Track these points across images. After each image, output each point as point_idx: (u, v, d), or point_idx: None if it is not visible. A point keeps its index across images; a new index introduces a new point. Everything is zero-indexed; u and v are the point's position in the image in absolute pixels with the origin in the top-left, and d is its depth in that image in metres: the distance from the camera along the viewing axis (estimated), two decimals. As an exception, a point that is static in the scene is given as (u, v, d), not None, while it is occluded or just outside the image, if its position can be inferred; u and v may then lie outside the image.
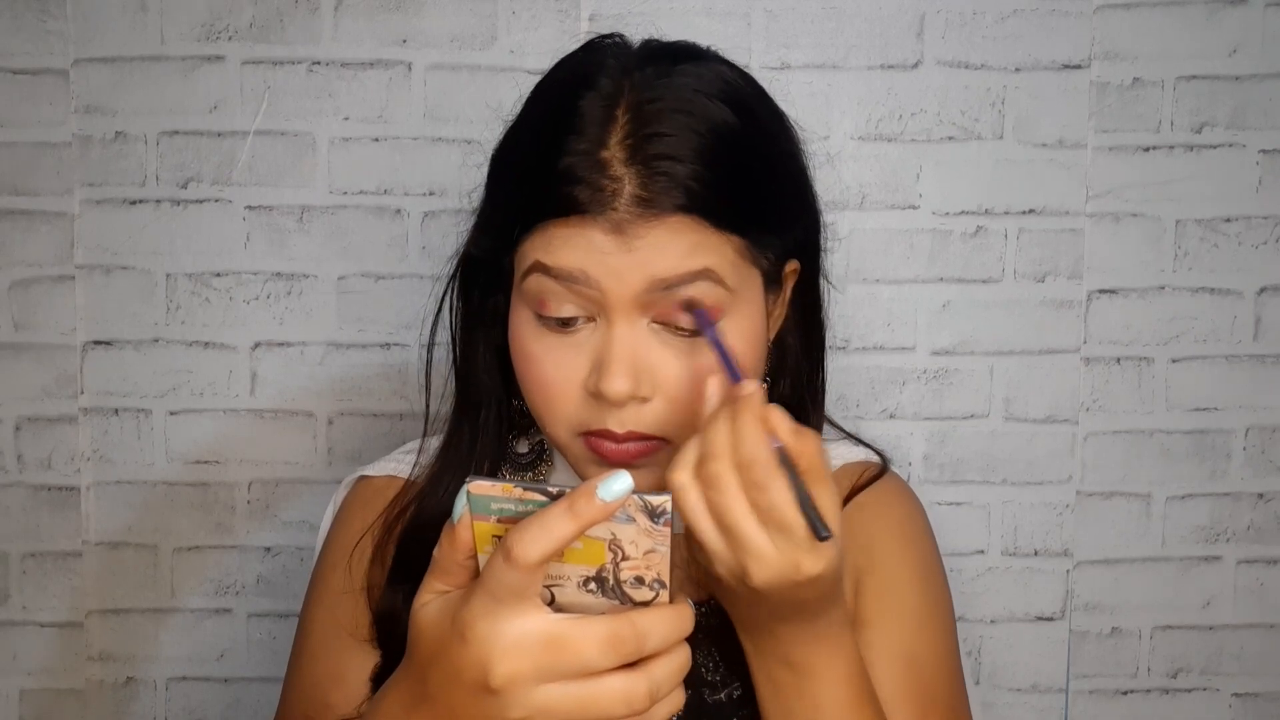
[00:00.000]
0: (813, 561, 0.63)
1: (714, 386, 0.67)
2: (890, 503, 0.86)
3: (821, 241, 0.84)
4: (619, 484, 0.56)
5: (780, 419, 0.64)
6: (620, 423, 0.72)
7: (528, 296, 0.74)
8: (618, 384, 0.71)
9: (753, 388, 0.64)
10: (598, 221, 0.70)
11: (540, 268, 0.72)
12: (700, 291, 0.71)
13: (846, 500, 0.84)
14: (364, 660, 0.82)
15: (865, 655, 0.78)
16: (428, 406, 0.88)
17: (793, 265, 0.80)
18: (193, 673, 1.29)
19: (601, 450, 0.74)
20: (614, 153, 0.70)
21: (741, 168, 0.72)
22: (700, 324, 0.71)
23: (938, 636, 0.83)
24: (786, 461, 0.62)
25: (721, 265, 0.71)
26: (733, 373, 0.68)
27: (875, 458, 0.90)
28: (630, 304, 0.71)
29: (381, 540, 0.84)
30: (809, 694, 0.69)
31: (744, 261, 0.73)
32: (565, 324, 0.73)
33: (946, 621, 0.85)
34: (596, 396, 0.72)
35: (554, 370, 0.74)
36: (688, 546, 0.67)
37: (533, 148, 0.74)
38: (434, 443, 0.87)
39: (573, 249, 0.70)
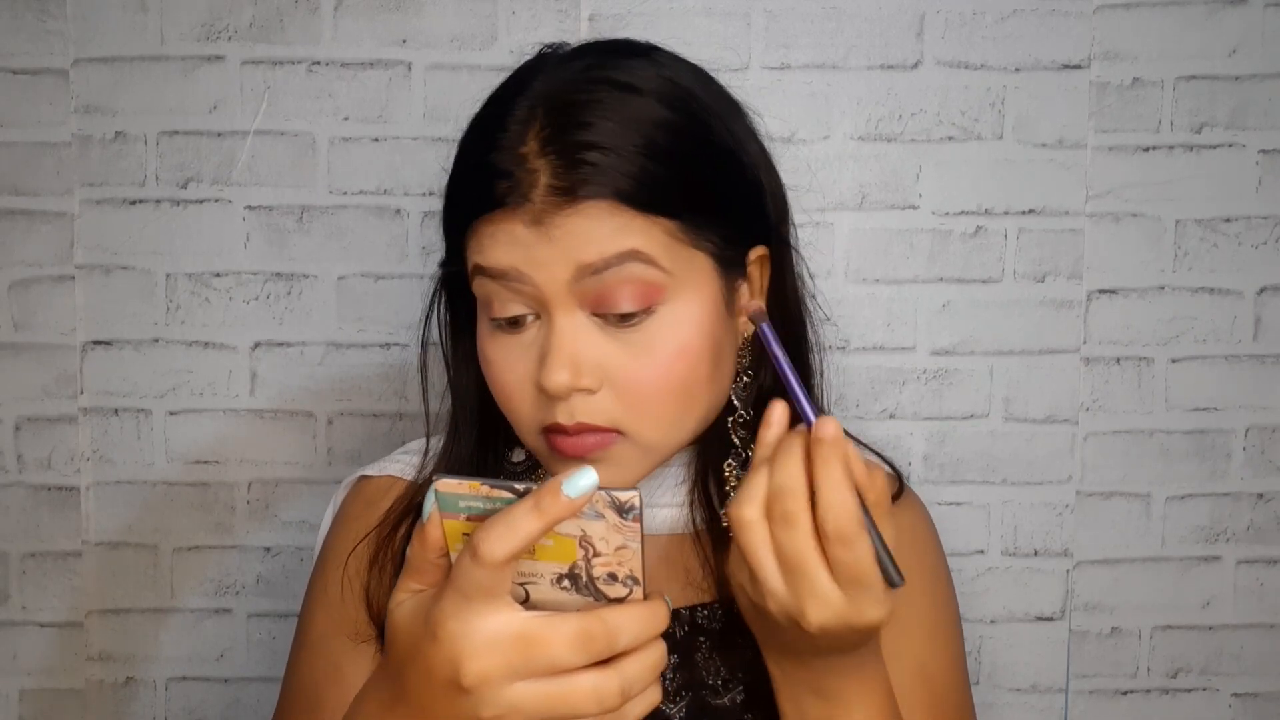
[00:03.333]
0: (877, 610, 0.62)
1: (779, 412, 0.65)
2: (898, 512, 0.86)
3: (790, 228, 0.83)
4: (584, 480, 0.56)
5: (857, 460, 0.62)
6: (569, 414, 0.72)
7: (480, 301, 0.75)
8: (555, 376, 0.71)
9: (834, 429, 0.61)
10: (518, 214, 0.70)
11: (479, 269, 0.73)
12: (634, 273, 0.71)
13: None
14: (362, 661, 0.82)
15: None
16: (428, 413, 0.88)
17: (759, 251, 0.79)
18: (192, 673, 1.29)
19: (557, 445, 0.74)
20: (531, 146, 0.71)
21: (664, 152, 0.72)
22: (764, 341, 0.67)
23: (947, 646, 0.83)
24: (866, 512, 0.61)
25: (651, 246, 0.71)
26: (804, 408, 0.64)
27: (885, 467, 0.89)
28: (564, 295, 0.71)
29: (382, 543, 0.84)
30: None
31: (680, 244, 0.72)
32: (514, 324, 0.74)
33: (955, 631, 0.85)
34: (542, 391, 0.72)
35: (508, 371, 0.74)
36: (733, 570, 0.66)
37: (469, 153, 0.76)
38: (437, 443, 0.87)
39: (499, 245, 0.71)
